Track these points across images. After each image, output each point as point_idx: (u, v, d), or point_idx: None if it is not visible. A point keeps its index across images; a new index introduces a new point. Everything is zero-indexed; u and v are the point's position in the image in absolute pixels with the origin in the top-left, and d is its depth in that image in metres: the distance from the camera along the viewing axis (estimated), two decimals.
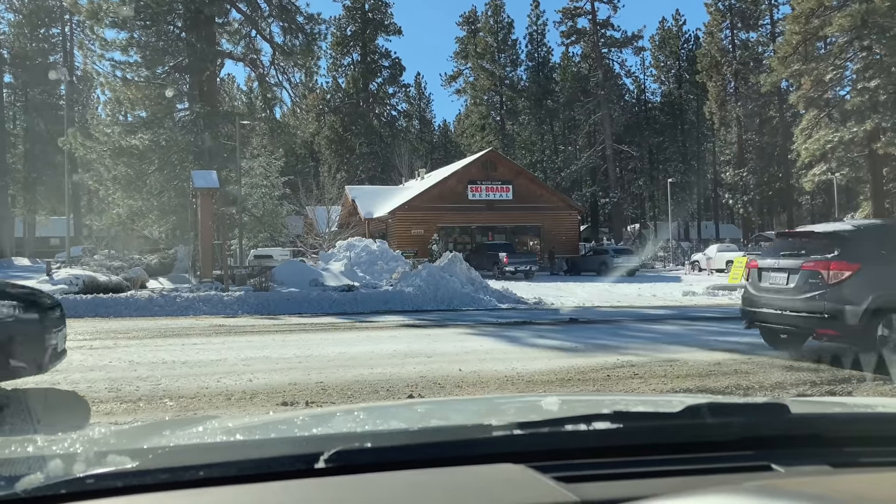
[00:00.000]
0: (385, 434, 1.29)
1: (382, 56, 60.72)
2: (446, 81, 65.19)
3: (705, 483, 0.95)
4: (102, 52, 24.68)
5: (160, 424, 1.68)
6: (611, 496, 0.89)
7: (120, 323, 12.56)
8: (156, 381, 6.61)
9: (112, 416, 5.17)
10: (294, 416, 1.88)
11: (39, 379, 6.64)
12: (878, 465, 1.09)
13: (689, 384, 6.48)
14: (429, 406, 2.06)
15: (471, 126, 63.76)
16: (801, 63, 36.55)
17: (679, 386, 6.42)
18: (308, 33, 25.74)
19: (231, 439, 1.31)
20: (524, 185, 36.12)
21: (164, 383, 6.49)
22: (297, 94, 29.19)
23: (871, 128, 33.74)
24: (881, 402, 1.70)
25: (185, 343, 9.51)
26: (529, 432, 1.13)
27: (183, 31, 25.12)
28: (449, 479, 1.00)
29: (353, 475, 1.00)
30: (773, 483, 0.87)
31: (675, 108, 64.64)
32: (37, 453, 1.14)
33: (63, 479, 0.97)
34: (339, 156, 55.71)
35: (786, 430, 1.17)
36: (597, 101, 57.08)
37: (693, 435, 1.15)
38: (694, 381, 6.64)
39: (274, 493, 0.96)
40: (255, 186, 27.88)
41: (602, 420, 1.16)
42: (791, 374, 6.85)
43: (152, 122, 25.06)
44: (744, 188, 52.37)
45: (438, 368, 7.29)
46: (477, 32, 62.45)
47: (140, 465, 1.02)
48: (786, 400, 1.33)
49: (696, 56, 58.78)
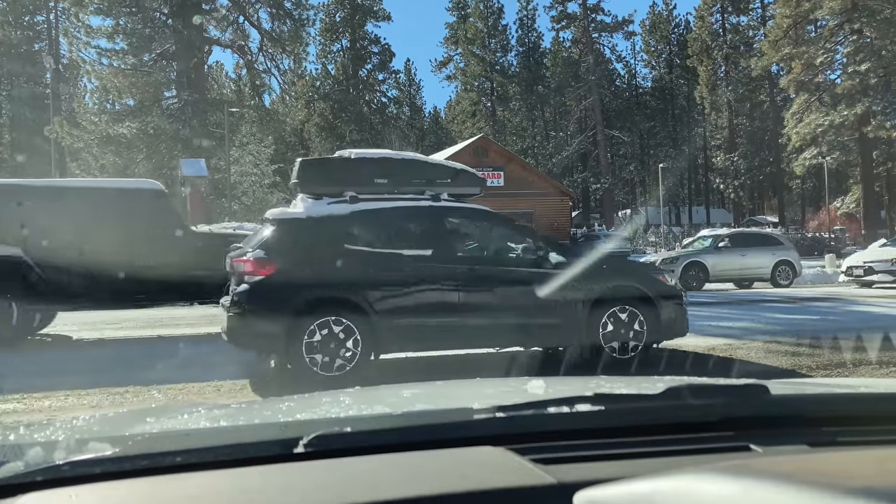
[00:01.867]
0: (366, 418, 1.29)
1: (372, 42, 60.33)
2: (436, 67, 64.95)
3: (683, 464, 0.95)
4: (88, 39, 24.51)
5: (145, 411, 1.68)
6: (588, 477, 0.90)
7: (109, 313, 12.50)
8: (144, 371, 6.58)
9: (98, 409, 5.13)
10: (279, 402, 1.89)
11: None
12: (856, 444, 1.10)
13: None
14: (415, 390, 2.06)
15: (461, 112, 63.57)
16: (792, 47, 36.58)
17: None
18: (296, 19, 25.57)
19: (212, 425, 1.30)
20: (515, 172, 36.10)
21: (152, 374, 6.45)
22: (285, 81, 29.03)
23: (862, 111, 33.85)
24: (864, 383, 1.71)
25: (174, 334, 9.48)
26: (510, 415, 1.13)
27: (169, 17, 24.88)
28: (428, 462, 1.00)
29: (332, 459, 1.00)
30: (745, 463, 0.88)
31: (666, 93, 64.61)
32: (17, 441, 1.13)
33: (40, 467, 0.97)
34: (329, 143, 55.43)
35: (765, 411, 1.18)
36: (587, 87, 56.97)
37: (673, 416, 1.15)
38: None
39: (252, 477, 0.96)
40: (244, 174, 27.77)
41: (584, 402, 1.16)
42: (787, 359, 6.85)
43: (140, 110, 24.88)
44: (734, 173, 52.52)
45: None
46: (467, 18, 62.09)
47: (119, 452, 1.01)
48: (767, 381, 1.34)
49: (686, 40, 58.69)
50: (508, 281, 6.33)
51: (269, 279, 5.79)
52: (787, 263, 17.39)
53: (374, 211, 6.27)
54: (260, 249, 5.93)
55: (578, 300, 6.28)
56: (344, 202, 6.24)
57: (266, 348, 6.14)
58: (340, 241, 6.09)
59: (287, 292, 5.80)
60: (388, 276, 6.06)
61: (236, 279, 6.00)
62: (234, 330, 5.90)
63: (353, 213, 6.21)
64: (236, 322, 5.85)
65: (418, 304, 6.10)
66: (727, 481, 0.76)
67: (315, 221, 6.14)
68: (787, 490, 0.71)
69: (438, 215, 6.43)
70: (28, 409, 5.13)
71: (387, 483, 0.91)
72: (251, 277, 5.82)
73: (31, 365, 7.33)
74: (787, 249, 18.05)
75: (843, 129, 35.52)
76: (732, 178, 52.74)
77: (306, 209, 6.24)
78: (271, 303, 5.74)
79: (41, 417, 4.70)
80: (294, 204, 6.48)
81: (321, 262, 5.97)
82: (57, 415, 4.85)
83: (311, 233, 6.11)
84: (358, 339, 5.79)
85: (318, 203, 6.28)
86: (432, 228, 6.36)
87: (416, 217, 6.44)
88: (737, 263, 17.19)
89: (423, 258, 6.14)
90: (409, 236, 6.41)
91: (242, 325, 5.84)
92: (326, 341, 5.73)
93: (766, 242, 18.38)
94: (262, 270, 5.81)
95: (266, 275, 5.80)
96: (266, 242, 6.01)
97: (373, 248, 6.22)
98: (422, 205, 6.45)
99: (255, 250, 5.94)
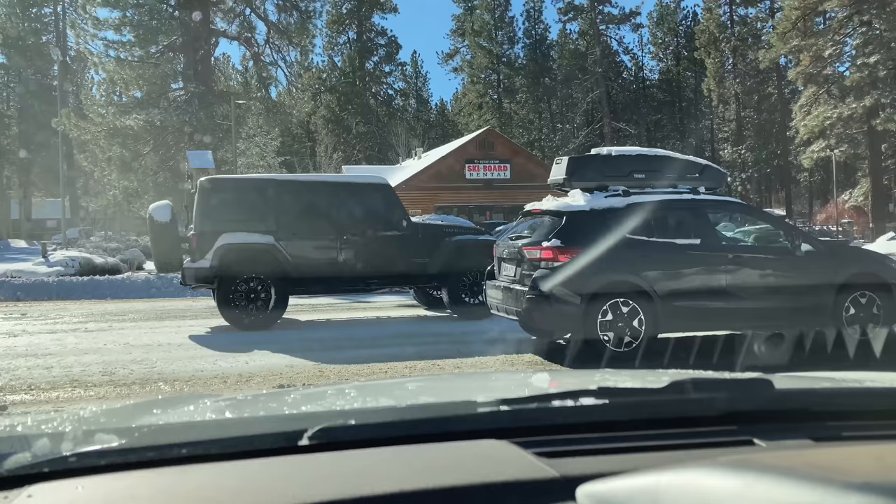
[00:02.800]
0: (371, 411, 1.30)
1: (379, 34, 60.17)
2: (443, 60, 64.70)
3: (686, 458, 0.96)
4: (95, 31, 24.52)
5: (151, 403, 1.69)
6: (592, 471, 0.90)
7: (116, 305, 12.57)
8: (150, 364, 6.62)
9: (105, 401, 5.15)
10: (284, 394, 1.89)
11: (32, 363, 6.66)
12: (861, 438, 1.10)
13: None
14: (420, 383, 2.07)
15: (468, 105, 63.35)
16: (801, 39, 36.27)
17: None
18: (303, 11, 25.53)
19: (218, 417, 1.31)
20: (522, 164, 35.99)
21: (158, 366, 6.49)
22: (292, 73, 29.02)
23: (871, 104, 33.58)
24: (870, 377, 1.71)
25: (181, 325, 9.53)
26: (514, 408, 1.14)
27: (176, 9, 24.87)
28: (431, 455, 1.00)
29: (336, 451, 1.01)
30: (748, 457, 0.88)
31: (673, 85, 64.24)
32: (25, 433, 1.14)
33: (47, 458, 0.98)
34: (335, 135, 55.41)
35: (769, 405, 1.18)
36: (594, 79, 56.71)
37: (677, 410, 1.15)
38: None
39: (257, 469, 0.96)
40: (251, 167, 27.81)
41: (588, 396, 1.16)
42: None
43: (147, 102, 24.91)
44: (742, 165, 52.25)
45: (437, 351, 7.28)
46: (474, 10, 61.82)
47: (125, 444, 1.02)
48: (772, 375, 1.33)
49: (694, 32, 58.27)
50: (766, 267, 7.00)
51: (567, 265, 6.44)
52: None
53: (646, 203, 6.85)
54: (555, 238, 6.58)
55: (826, 286, 6.88)
56: (618, 195, 6.90)
57: (564, 326, 6.77)
58: (622, 231, 6.62)
59: (585, 276, 6.41)
60: (665, 262, 6.70)
61: (528, 265, 6.64)
62: (532, 311, 6.55)
63: (629, 206, 6.79)
64: (534, 304, 6.48)
65: (692, 289, 6.68)
66: (730, 475, 0.76)
67: (598, 213, 6.77)
68: (788, 484, 0.71)
69: (701, 207, 7.07)
70: (35, 401, 5.18)
71: (391, 476, 0.92)
72: (550, 263, 6.49)
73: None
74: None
75: (852, 121, 35.26)
76: (740, 170, 52.46)
77: (588, 202, 6.86)
78: (572, 285, 6.39)
79: (48, 409, 4.73)
80: (572, 196, 7.03)
81: (608, 249, 6.49)
82: (64, 406, 4.88)
83: (596, 223, 6.67)
84: (642, 318, 6.43)
85: (596, 196, 6.92)
86: (697, 219, 6.96)
87: (682, 208, 7.04)
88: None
89: (693, 246, 6.76)
90: (677, 226, 6.99)
91: (542, 306, 6.48)
92: (616, 320, 6.39)
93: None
94: (562, 257, 6.48)
95: (564, 261, 6.45)
96: (559, 232, 6.65)
97: (648, 237, 6.76)
98: (686, 197, 7.08)
99: (550, 239, 6.60)
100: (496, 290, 7.21)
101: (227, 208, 9.13)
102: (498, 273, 7.43)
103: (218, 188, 9.42)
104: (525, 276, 6.64)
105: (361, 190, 9.85)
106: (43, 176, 49.18)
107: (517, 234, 7.53)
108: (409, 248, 9.53)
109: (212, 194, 9.22)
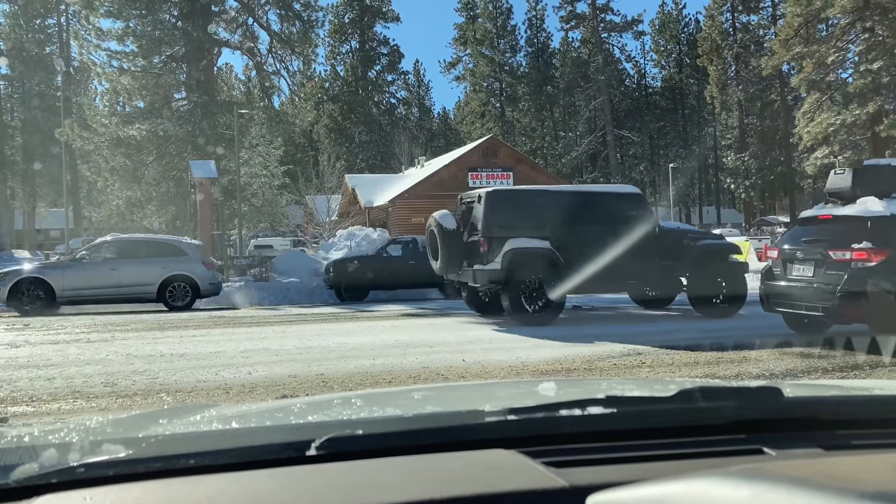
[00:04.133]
0: (378, 421, 1.29)
1: (381, 43, 60.39)
2: (445, 68, 64.90)
3: (696, 467, 0.95)
4: (98, 42, 24.63)
5: (157, 413, 1.68)
6: (600, 481, 0.89)
7: (118, 315, 12.58)
8: (153, 374, 6.58)
9: (107, 413, 5.09)
10: (291, 404, 1.89)
11: (34, 374, 6.65)
12: (871, 447, 1.09)
13: (698, 372, 6.46)
14: (427, 393, 2.06)
15: (470, 113, 63.47)
16: (803, 46, 36.31)
17: (688, 374, 6.38)
18: (305, 20, 25.63)
19: (224, 427, 1.31)
20: (525, 172, 35.98)
21: (161, 377, 6.44)
22: (295, 83, 29.10)
23: (874, 110, 33.57)
24: (878, 385, 1.70)
25: (182, 335, 9.51)
26: (522, 418, 1.13)
27: (179, 19, 25.00)
28: (439, 465, 1.00)
29: (343, 462, 1.00)
30: (758, 466, 0.88)
31: (676, 93, 64.33)
32: (32, 443, 1.14)
33: (54, 469, 0.98)
34: (338, 144, 55.56)
35: (778, 414, 1.17)
36: (597, 87, 56.79)
37: (686, 419, 1.15)
38: (703, 368, 6.61)
39: (264, 480, 0.96)
40: (254, 176, 27.86)
41: (595, 405, 1.16)
42: (803, 361, 6.78)
43: (150, 112, 24.98)
44: (745, 172, 52.19)
45: (441, 359, 7.26)
46: (476, 18, 62.05)
47: (132, 454, 1.02)
48: (780, 383, 1.33)
49: (696, 40, 58.37)
50: None
51: (880, 264, 7.25)
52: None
53: None
54: (865, 241, 7.37)
55: None
56: None
57: (880, 319, 7.26)
58: None
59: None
60: None
61: (834, 266, 7.45)
62: (845, 306, 7.27)
63: None
64: (847, 300, 7.23)
65: None
66: (740, 485, 0.76)
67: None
68: (800, 494, 0.70)
69: None
70: (37, 412, 5.16)
71: (398, 486, 0.91)
72: (862, 263, 7.30)
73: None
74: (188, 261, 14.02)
75: (855, 128, 35.23)
76: (743, 177, 52.41)
77: (886, 208, 7.65)
78: (887, 283, 7.18)
79: (50, 420, 4.72)
80: (864, 203, 7.80)
81: None
82: (66, 418, 4.87)
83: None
84: None
85: (892, 202, 7.69)
86: None
87: None
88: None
89: None
90: None
91: (857, 302, 7.22)
92: None
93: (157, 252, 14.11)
94: (875, 257, 7.27)
95: (878, 261, 7.26)
96: (868, 235, 7.43)
97: None
98: None
99: (861, 242, 7.38)
100: (783, 289, 7.94)
101: (510, 216, 10.15)
102: (784, 273, 8.10)
103: (503, 198, 10.49)
104: (831, 275, 7.41)
105: (619, 199, 10.92)
106: (46, 186, 49.39)
107: (806, 238, 8.19)
108: (661, 252, 10.53)
109: (499, 204, 10.23)
